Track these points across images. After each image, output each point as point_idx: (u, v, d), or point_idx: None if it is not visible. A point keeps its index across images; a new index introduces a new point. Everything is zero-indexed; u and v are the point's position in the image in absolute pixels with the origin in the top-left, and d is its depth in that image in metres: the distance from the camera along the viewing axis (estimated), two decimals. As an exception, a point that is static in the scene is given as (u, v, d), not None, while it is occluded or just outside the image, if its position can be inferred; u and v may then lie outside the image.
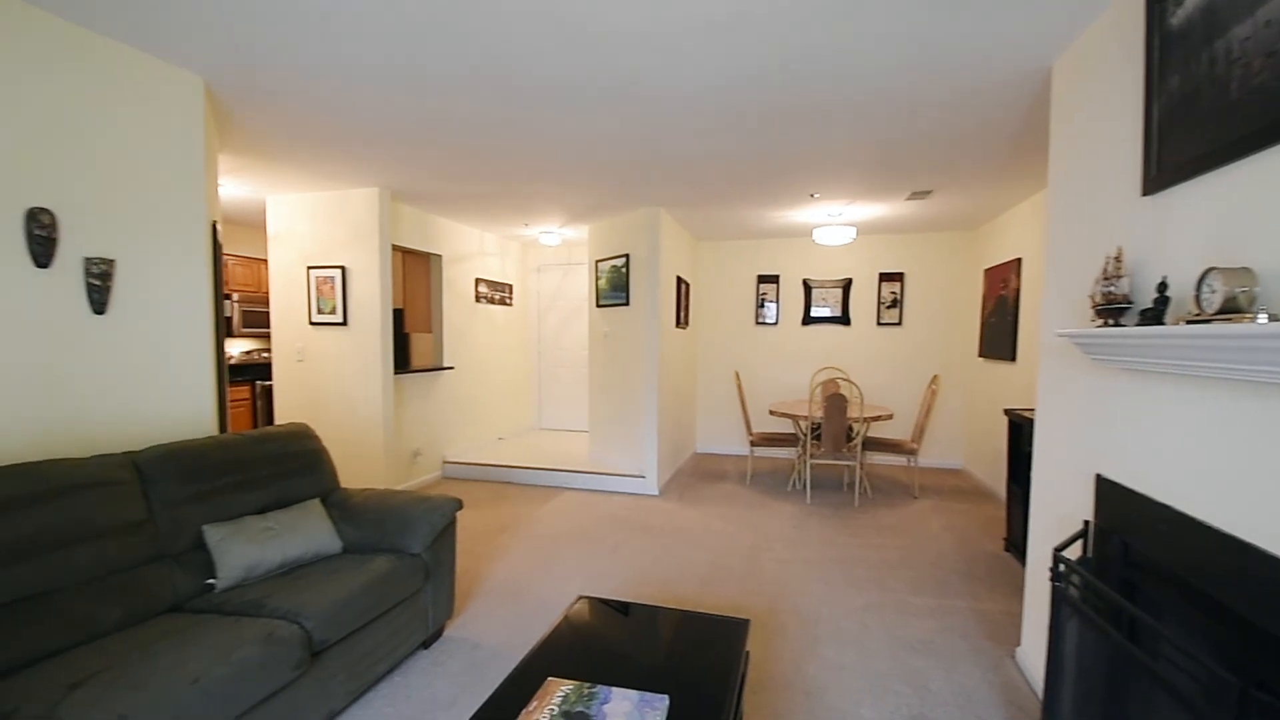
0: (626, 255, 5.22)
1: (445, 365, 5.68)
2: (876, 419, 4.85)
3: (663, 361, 5.17)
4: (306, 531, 2.34)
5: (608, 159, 3.64)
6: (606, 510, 4.61)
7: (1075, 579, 1.77)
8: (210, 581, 2.11)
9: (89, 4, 1.96)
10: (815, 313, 6.51)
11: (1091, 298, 1.74)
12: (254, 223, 5.35)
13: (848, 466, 5.52)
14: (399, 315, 5.40)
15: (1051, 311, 2.25)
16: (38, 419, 2.01)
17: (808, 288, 6.50)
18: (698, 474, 5.88)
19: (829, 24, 2.05)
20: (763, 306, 6.66)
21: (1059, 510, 2.17)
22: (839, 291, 6.41)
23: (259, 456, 2.41)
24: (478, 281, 6.25)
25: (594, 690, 1.48)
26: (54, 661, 1.63)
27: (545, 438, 7.06)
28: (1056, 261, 2.23)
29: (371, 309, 4.45)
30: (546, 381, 7.58)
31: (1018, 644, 2.59)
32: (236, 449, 2.35)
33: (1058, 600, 1.82)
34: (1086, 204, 2.02)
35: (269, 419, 5.51)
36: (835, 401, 4.68)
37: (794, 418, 4.97)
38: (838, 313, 6.43)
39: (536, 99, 2.71)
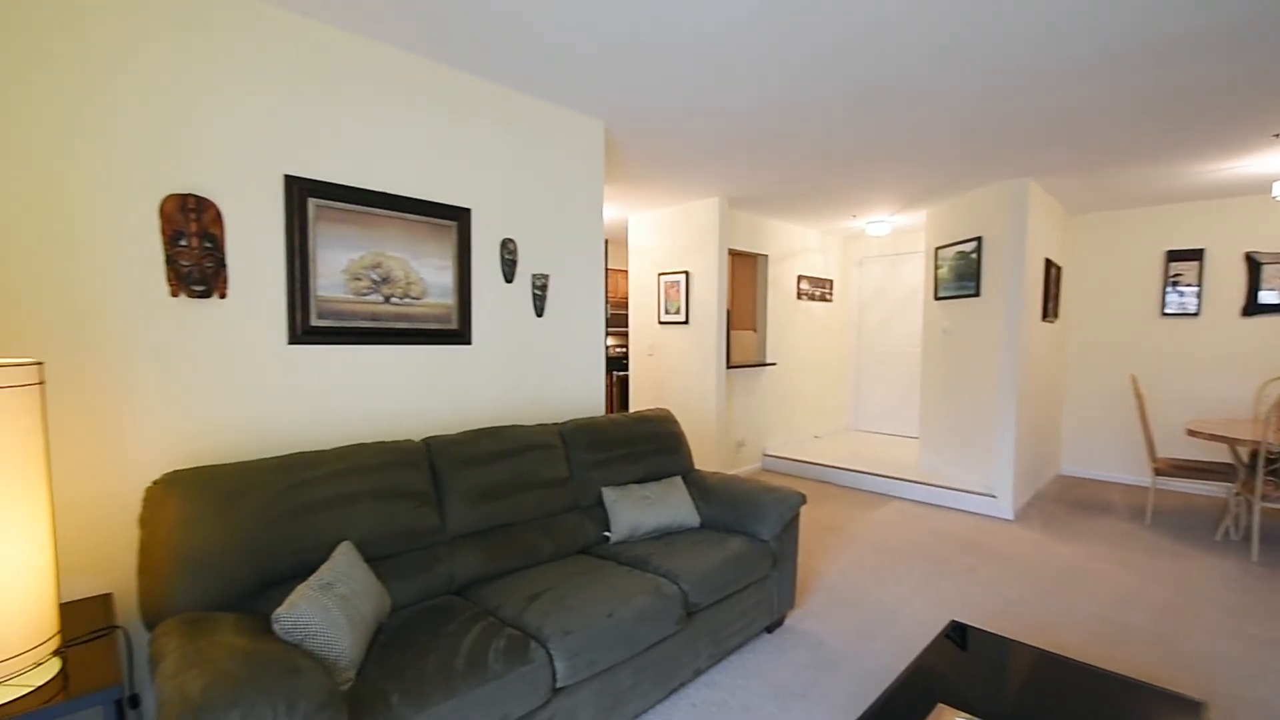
0: (978, 239, 4.57)
1: (768, 361, 5.85)
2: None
3: (1023, 362, 4.38)
4: (673, 504, 2.66)
5: (968, 128, 3.23)
6: (947, 528, 4.14)
7: None
8: (606, 534, 2.56)
9: (525, 73, 2.56)
10: (1265, 299, 4.70)
11: None
12: (614, 239, 6.34)
13: (1335, 519, 3.84)
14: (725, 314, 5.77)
15: None
16: (504, 393, 2.73)
17: (1254, 264, 4.73)
18: (1066, 501, 4.83)
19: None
20: (1174, 292, 5.09)
21: None
22: (1318, 268, 4.50)
23: (638, 435, 2.84)
24: (799, 278, 6.26)
25: (994, 729, 1.32)
26: (515, 576, 2.18)
27: (862, 440, 6.70)
28: None
29: (709, 309, 4.85)
30: (865, 381, 7.18)
31: None
32: (623, 427, 2.81)
33: None
34: None
35: (624, 406, 6.49)
36: (1318, 424, 3.29)
37: (1231, 442, 3.67)
38: (1314, 298, 4.52)
39: (889, 80, 2.55)
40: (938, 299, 5.14)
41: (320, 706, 1.22)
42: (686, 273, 4.97)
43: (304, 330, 2.08)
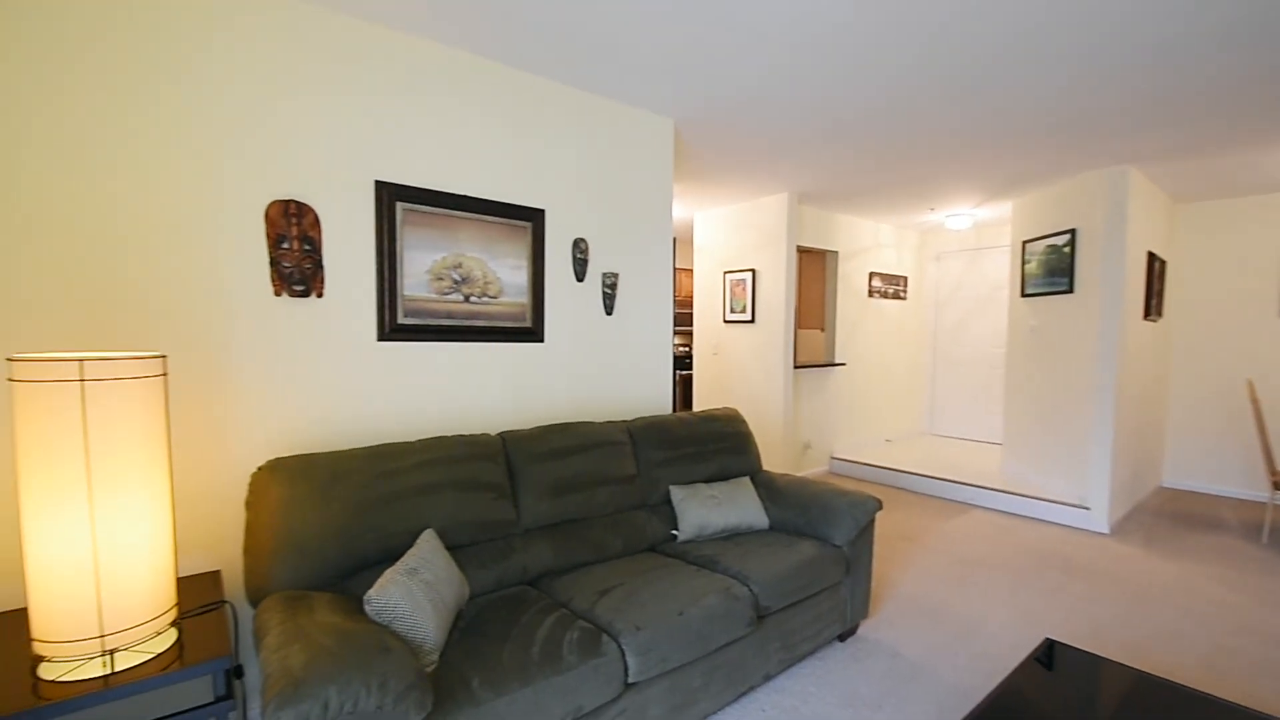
0: (1071, 231, 4.26)
1: (836, 362, 5.68)
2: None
3: (1122, 363, 4.06)
4: (741, 504, 2.63)
5: (1061, 113, 3.02)
6: (1032, 540, 3.89)
7: None
8: (674, 532, 2.56)
9: (597, 74, 2.59)
10: None
11: None
12: (679, 237, 6.32)
13: None
14: (795, 312, 5.64)
15: None
16: (574, 390, 2.77)
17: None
18: (1169, 515, 4.44)
19: None
20: (1303, 289, 4.59)
21: None
22: None
23: (705, 434, 2.82)
24: (871, 275, 6.04)
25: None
26: (585, 571, 2.21)
27: (938, 444, 6.39)
28: None
29: (776, 307, 4.76)
30: (941, 382, 6.85)
31: None
32: (690, 426, 2.80)
33: None
34: None
35: (686, 405, 6.47)
36: None
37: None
38: None
39: (983, 61, 2.42)
40: (1024, 296, 4.83)
41: (409, 686, 1.27)
42: (753, 271, 4.90)
43: (391, 328, 2.19)
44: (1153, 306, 4.55)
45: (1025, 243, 4.81)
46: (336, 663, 1.23)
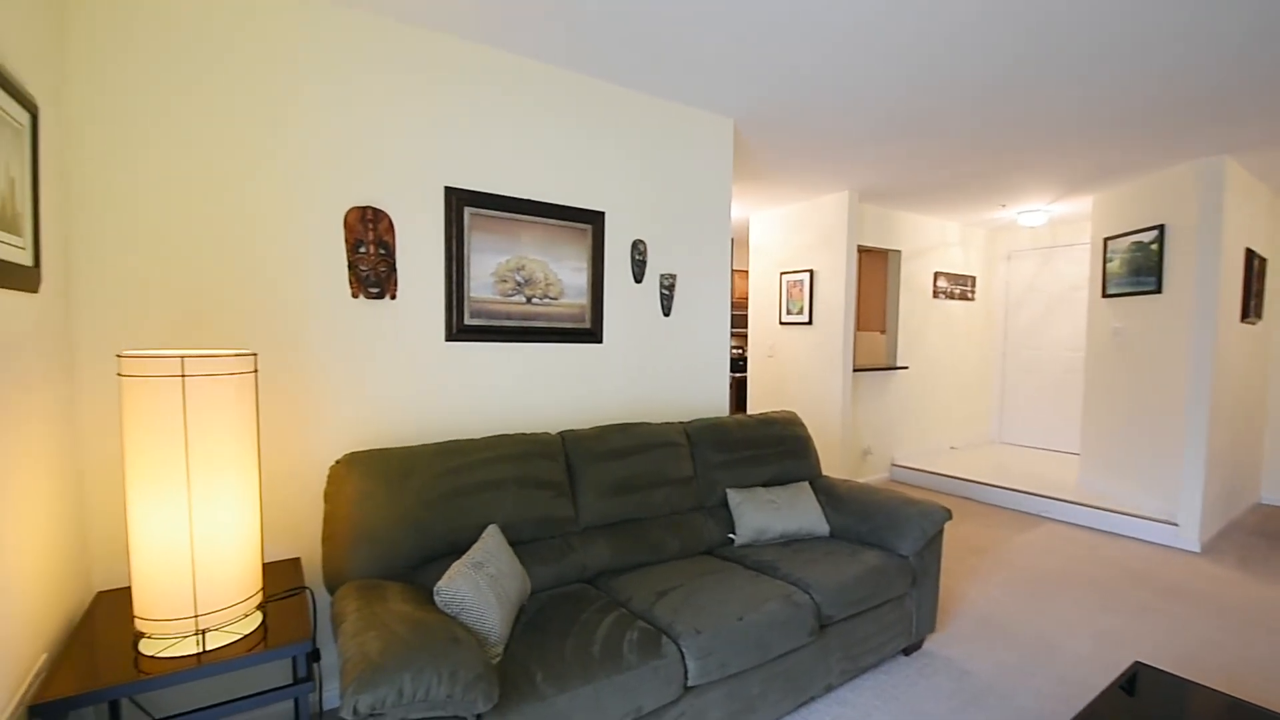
0: (1159, 227, 3.98)
1: (898, 365, 5.49)
2: None
3: (1217, 369, 3.75)
4: (800, 509, 2.57)
5: (1149, 100, 2.82)
6: (1115, 557, 3.64)
7: None
8: (731, 536, 2.53)
9: (657, 75, 2.59)
10: None
11: None
12: (735, 238, 6.27)
13: None
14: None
15: None
16: (631, 391, 2.79)
17: None
18: (1267, 534, 4.08)
19: None
20: None
21: None
22: None
23: (764, 437, 2.78)
24: (936, 275, 5.81)
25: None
26: (642, 571, 2.20)
27: (1007, 453, 6.08)
28: None
29: (834, 308, 4.64)
30: (1011, 388, 6.51)
31: None
32: (749, 428, 2.76)
33: None
34: None
35: (740, 407, 6.39)
36: None
37: None
38: None
39: (1089, 45, 2.28)
40: (1106, 296, 4.54)
41: (477, 677, 1.30)
42: (810, 271, 4.79)
43: (459, 329, 2.25)
44: (1251, 308, 4.18)
45: (1107, 240, 4.51)
46: (410, 651, 1.27)
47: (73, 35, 1.62)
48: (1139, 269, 4.16)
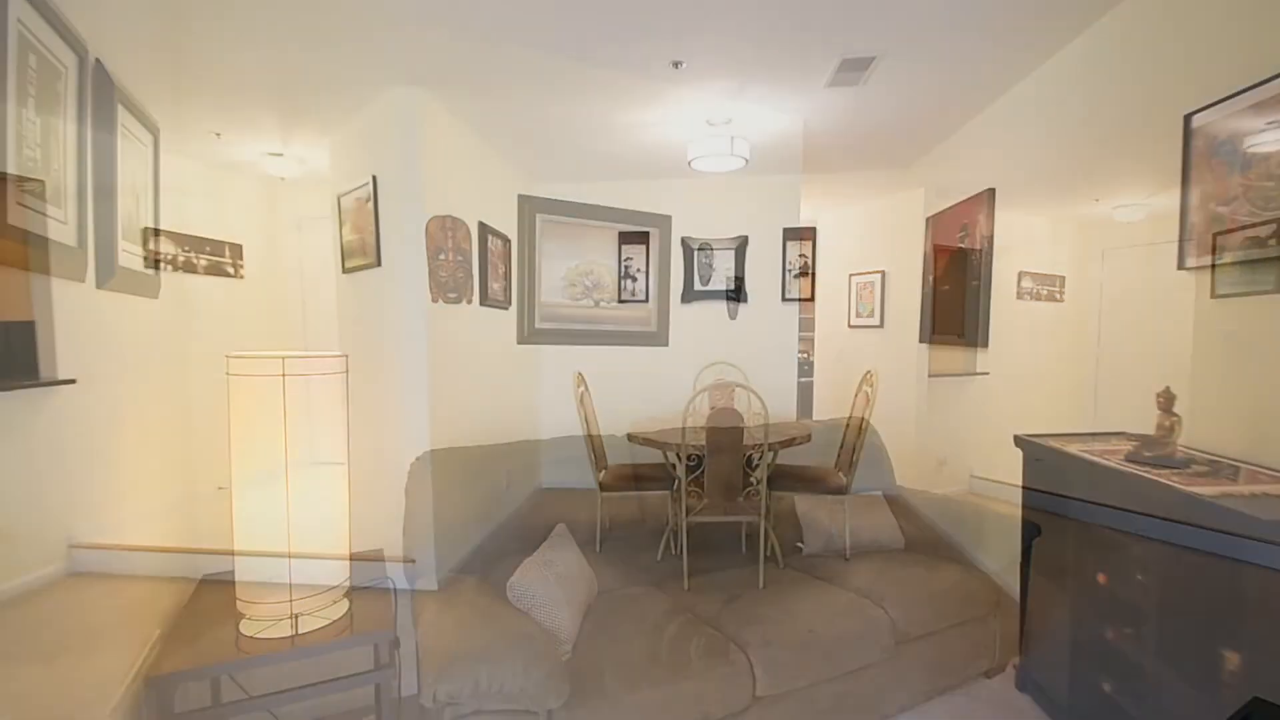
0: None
1: (978, 371, 5.19)
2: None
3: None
4: (872, 519, 2.48)
5: None
6: (1231, 582, 3.29)
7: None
8: (799, 545, 2.46)
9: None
10: None
11: None
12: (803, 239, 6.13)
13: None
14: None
15: None
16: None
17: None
18: None
19: None
20: None
21: None
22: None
23: (834, 443, 2.69)
24: (1020, 275, 5.46)
25: None
26: (708, 576, 2.18)
27: (1104, 466, 5.62)
28: None
29: (907, 311, 4.45)
30: (1104, 396, 6.02)
31: None
32: (817, 434, 2.68)
33: None
34: None
35: (807, 413, 6.21)
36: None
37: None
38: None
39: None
40: (1216, 297, 4.13)
41: (548, 673, 1.33)
42: (882, 272, 4.61)
43: (530, 332, 2.32)
44: None
45: (1216, 235, 4.11)
46: (488, 643, 1.31)
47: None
48: (1255, 266, 3.76)
